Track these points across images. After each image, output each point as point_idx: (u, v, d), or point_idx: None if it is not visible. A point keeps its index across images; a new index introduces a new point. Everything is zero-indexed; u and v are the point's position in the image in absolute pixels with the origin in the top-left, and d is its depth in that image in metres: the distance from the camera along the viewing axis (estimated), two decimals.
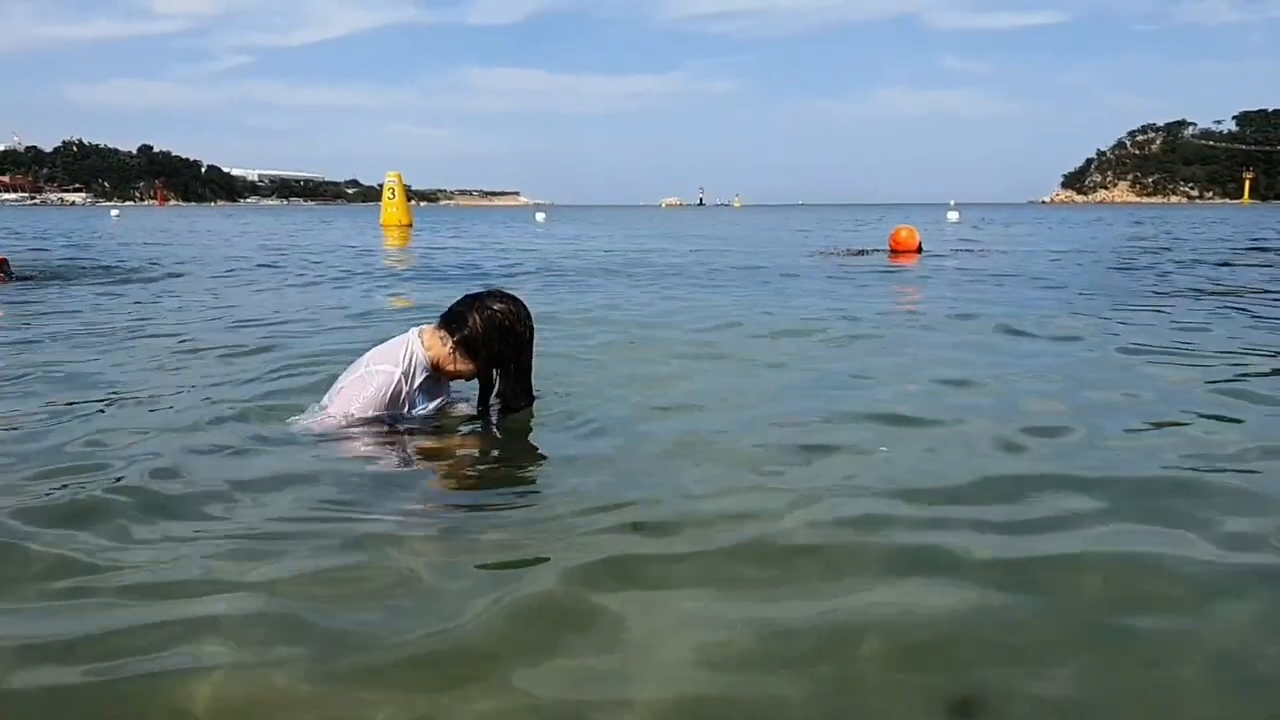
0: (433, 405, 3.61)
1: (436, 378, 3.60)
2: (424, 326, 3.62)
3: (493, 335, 3.51)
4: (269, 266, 13.77)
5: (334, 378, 3.78)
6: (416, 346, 3.51)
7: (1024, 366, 4.95)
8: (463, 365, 3.54)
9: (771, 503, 2.71)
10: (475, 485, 3.05)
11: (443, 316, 3.60)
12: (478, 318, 3.50)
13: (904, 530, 2.53)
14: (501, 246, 20.10)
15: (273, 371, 4.76)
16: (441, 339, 3.53)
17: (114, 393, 4.31)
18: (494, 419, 3.66)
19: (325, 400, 3.56)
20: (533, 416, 3.71)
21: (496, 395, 3.69)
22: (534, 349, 3.67)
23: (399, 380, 3.46)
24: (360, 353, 3.66)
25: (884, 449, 3.36)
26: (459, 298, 3.68)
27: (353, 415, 3.40)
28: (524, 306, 3.64)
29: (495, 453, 3.34)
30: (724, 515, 2.62)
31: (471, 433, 3.55)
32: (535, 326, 3.64)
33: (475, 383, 3.71)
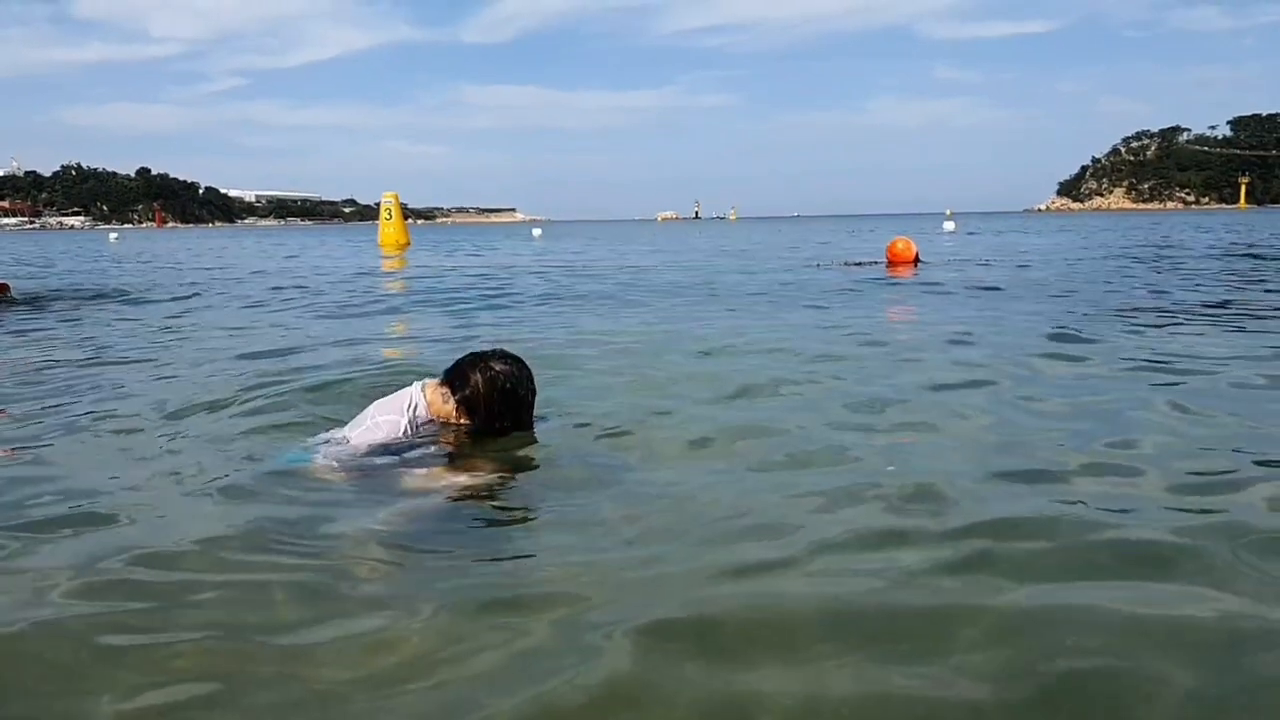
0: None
1: (437, 432, 3.62)
2: (427, 381, 3.68)
3: (493, 396, 3.56)
4: (266, 291, 13.75)
5: (328, 420, 3.78)
6: (419, 400, 3.55)
7: (1023, 386, 4.96)
8: (464, 423, 3.58)
9: (781, 547, 2.60)
10: (486, 535, 2.85)
11: (446, 373, 3.66)
12: (480, 377, 3.55)
13: (916, 574, 2.44)
14: (500, 264, 20.11)
15: (271, 404, 4.65)
16: (443, 395, 3.58)
17: (109, 423, 4.31)
18: (497, 445, 3.62)
19: (331, 439, 3.55)
20: (535, 442, 3.70)
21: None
22: (534, 408, 3.75)
23: (405, 428, 3.49)
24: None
25: (890, 468, 3.37)
26: (463, 354, 3.73)
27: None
28: (526, 368, 3.70)
29: (502, 494, 3.18)
30: (732, 561, 2.50)
31: (478, 471, 3.35)
32: (537, 372, 3.68)
33: None
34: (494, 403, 3.57)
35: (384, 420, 3.49)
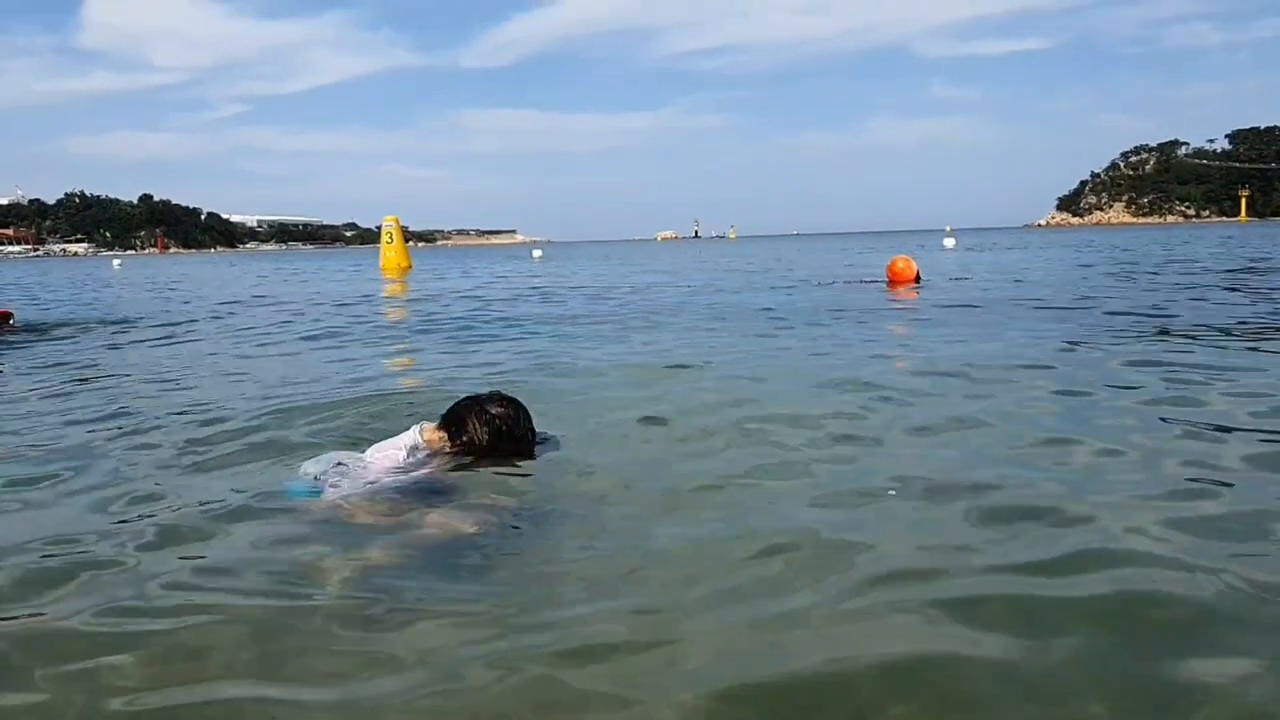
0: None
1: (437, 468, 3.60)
2: (425, 424, 3.66)
3: (491, 440, 3.56)
4: (267, 317, 13.72)
5: (326, 448, 3.77)
6: (418, 443, 3.54)
7: (1025, 408, 4.93)
8: (460, 448, 3.58)
9: (806, 594, 2.48)
10: (493, 580, 2.68)
11: (443, 417, 3.67)
12: (477, 422, 3.58)
13: (953, 618, 2.36)
14: (501, 286, 20.06)
15: (269, 436, 4.56)
16: (441, 439, 3.58)
17: (105, 455, 4.26)
18: (502, 479, 3.54)
19: (328, 474, 3.50)
20: (541, 475, 3.63)
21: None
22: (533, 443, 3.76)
23: (404, 464, 3.48)
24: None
25: (891, 493, 3.34)
26: (459, 398, 3.74)
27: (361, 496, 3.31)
28: (522, 408, 3.72)
29: (511, 535, 3.05)
30: (762, 611, 2.38)
31: (484, 510, 3.21)
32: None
33: None
34: (492, 447, 3.58)
35: (381, 457, 3.48)
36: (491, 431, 3.56)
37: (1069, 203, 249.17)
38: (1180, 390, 5.11)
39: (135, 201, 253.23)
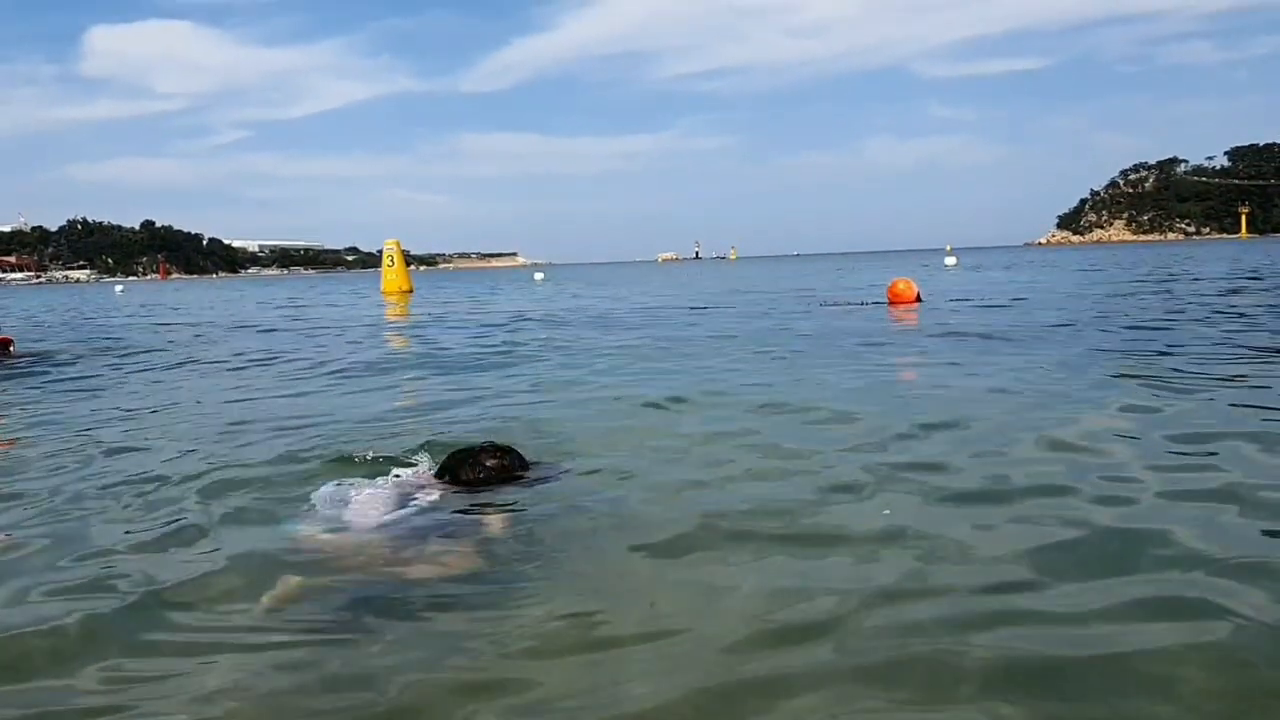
0: None
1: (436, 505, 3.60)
2: (421, 474, 3.71)
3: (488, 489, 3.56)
4: (266, 345, 13.66)
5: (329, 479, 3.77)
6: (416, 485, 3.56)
7: (1026, 428, 4.87)
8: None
9: (816, 648, 2.36)
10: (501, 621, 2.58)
11: (438, 470, 3.69)
12: (471, 475, 3.60)
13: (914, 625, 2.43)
14: (502, 309, 20.05)
15: (269, 471, 4.49)
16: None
17: (101, 492, 4.21)
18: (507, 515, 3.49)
19: (327, 509, 3.49)
20: (533, 507, 3.56)
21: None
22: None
23: (403, 499, 3.47)
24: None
25: (886, 512, 3.31)
26: (454, 450, 3.76)
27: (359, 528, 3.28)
28: (516, 456, 3.75)
29: (515, 574, 2.95)
30: (766, 667, 2.26)
31: (489, 550, 3.14)
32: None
33: None
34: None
35: (377, 494, 3.46)
36: (491, 481, 3.61)
37: (1069, 221, 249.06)
38: (1176, 401, 5.09)
39: (137, 227, 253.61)
